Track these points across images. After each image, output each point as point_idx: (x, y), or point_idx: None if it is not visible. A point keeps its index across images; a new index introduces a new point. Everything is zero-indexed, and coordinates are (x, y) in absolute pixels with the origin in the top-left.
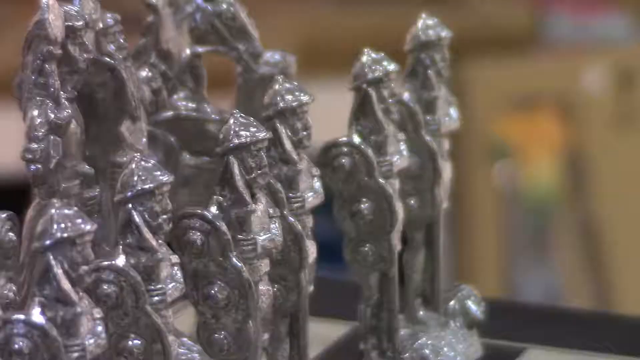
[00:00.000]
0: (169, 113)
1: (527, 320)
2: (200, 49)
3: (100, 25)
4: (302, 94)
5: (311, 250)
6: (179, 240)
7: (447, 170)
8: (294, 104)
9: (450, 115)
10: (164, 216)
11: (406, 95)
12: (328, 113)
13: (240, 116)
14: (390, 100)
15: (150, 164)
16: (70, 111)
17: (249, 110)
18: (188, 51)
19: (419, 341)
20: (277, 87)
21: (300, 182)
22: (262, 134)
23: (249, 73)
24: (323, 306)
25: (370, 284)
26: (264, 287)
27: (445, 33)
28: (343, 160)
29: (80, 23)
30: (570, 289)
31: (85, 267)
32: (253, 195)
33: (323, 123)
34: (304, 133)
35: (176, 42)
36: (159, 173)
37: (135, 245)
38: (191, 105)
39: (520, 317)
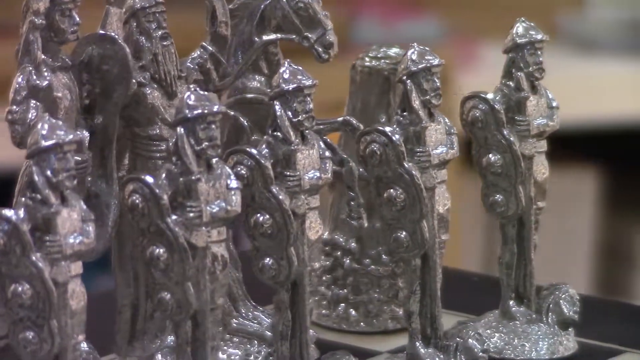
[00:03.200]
0: (239, 96)
1: (634, 323)
2: (274, 37)
3: (144, 4)
4: (304, 79)
5: (315, 227)
6: (126, 203)
7: (540, 169)
8: (294, 87)
9: (547, 118)
10: (65, 174)
11: (490, 94)
12: None
13: (195, 91)
14: (432, 94)
15: (55, 123)
16: (49, 78)
17: (364, 101)
18: (265, 37)
19: (466, 330)
20: (281, 70)
21: (299, 161)
22: (214, 108)
23: (320, 61)
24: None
25: (413, 269)
26: (218, 253)
27: (540, 36)
28: (374, 147)
29: None
30: None
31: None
32: (210, 166)
33: None
34: (304, 115)
35: (229, 27)
36: (62, 132)
37: (38, 199)
38: (265, 89)
39: (627, 319)
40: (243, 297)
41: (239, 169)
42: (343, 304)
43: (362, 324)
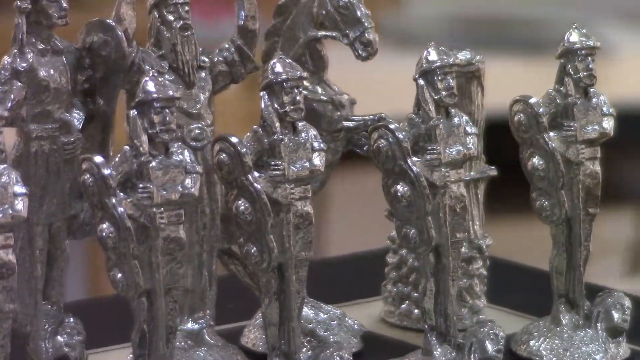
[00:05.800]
0: None
1: None
2: (317, 34)
3: None
4: (292, 71)
5: (305, 217)
6: (80, 182)
7: (592, 175)
8: (281, 79)
9: (598, 124)
10: None
11: (535, 99)
12: None
13: (154, 76)
14: (444, 93)
15: None
16: (33, 60)
17: None
18: (309, 34)
19: (483, 329)
20: (271, 62)
21: (286, 152)
22: (169, 94)
23: (360, 59)
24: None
25: (424, 266)
26: (174, 234)
27: (592, 43)
28: (381, 143)
29: None
30: None
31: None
32: (167, 150)
33: None
34: (291, 107)
35: (257, 21)
36: None
37: None
38: (307, 85)
39: None
40: None
41: (221, 156)
42: (407, 302)
43: None
